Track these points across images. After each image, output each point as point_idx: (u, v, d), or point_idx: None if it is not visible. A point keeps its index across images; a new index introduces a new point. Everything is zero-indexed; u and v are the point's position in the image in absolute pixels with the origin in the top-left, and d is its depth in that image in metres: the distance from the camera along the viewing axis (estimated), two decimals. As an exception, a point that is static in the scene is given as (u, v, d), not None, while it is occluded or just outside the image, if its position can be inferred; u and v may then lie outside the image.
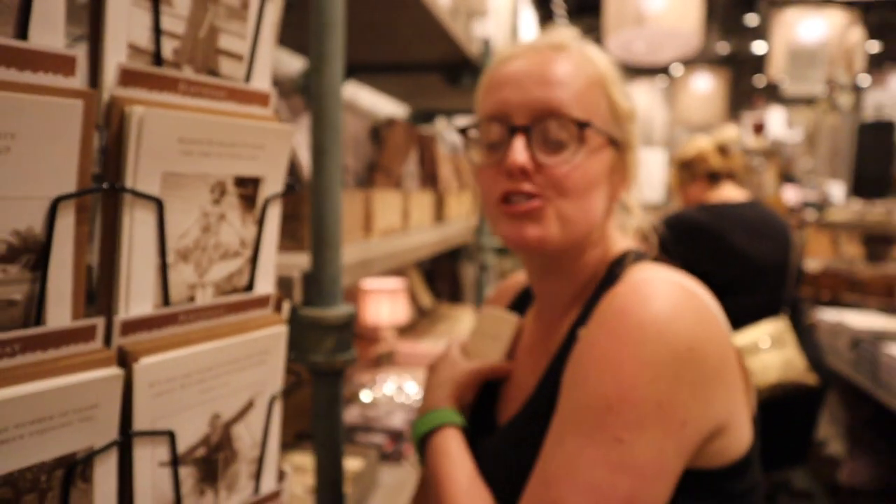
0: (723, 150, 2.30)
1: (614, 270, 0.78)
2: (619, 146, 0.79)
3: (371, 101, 2.86)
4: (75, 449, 0.47)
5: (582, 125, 0.73)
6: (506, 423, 0.84)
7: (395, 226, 1.65)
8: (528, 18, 9.36)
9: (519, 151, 0.73)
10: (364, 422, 1.65)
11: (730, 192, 2.29)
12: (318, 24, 0.90)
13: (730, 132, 2.35)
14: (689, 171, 2.35)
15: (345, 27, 0.93)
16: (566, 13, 11.07)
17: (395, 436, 1.59)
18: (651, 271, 0.73)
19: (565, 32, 0.81)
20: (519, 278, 1.06)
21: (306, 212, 1.05)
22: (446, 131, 3.84)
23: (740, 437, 0.70)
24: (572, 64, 0.76)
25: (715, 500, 0.69)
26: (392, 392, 1.95)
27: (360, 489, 1.30)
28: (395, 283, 2.45)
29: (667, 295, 0.67)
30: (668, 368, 0.63)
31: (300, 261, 0.96)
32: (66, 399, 0.45)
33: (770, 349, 2.11)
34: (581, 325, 0.73)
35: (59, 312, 0.46)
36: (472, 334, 1.00)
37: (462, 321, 2.85)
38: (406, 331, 2.59)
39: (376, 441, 1.56)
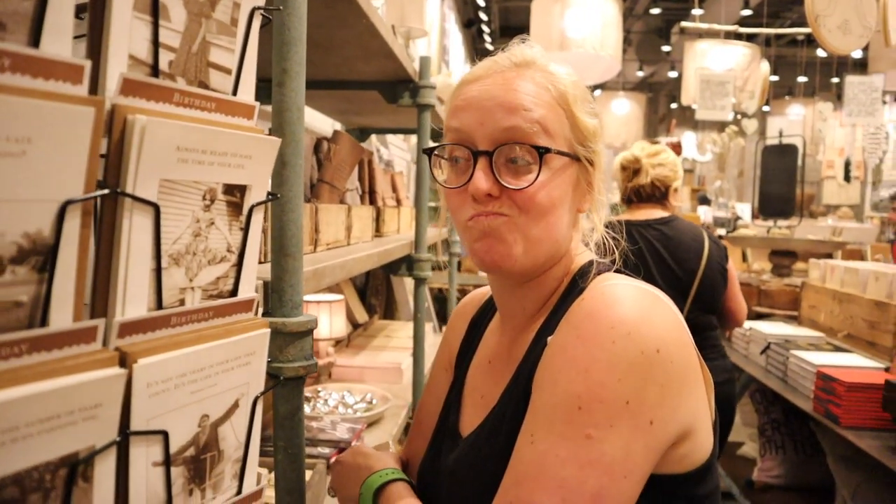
0: (625, 167, 2.36)
1: (578, 281, 0.79)
2: (582, 163, 0.80)
3: (306, 118, 2.86)
4: (78, 448, 0.47)
5: (541, 150, 0.75)
6: (470, 434, 0.84)
7: (339, 239, 1.68)
8: (456, 39, 9.53)
9: (482, 179, 0.74)
10: (309, 434, 1.65)
11: (635, 211, 2.36)
12: (281, 41, 0.92)
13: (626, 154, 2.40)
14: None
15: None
16: (491, 35, 11.38)
17: (342, 447, 1.60)
18: (616, 279, 0.75)
19: (531, 49, 0.81)
20: (479, 293, 1.07)
21: (267, 223, 1.06)
22: (381, 148, 3.88)
23: (703, 443, 0.72)
24: (535, 85, 0.77)
25: None
26: (335, 404, 1.95)
27: (309, 500, 1.31)
28: (333, 297, 2.45)
29: (634, 299, 0.69)
30: (636, 368, 0.65)
31: (261, 271, 0.97)
32: (72, 398, 0.46)
33: None
34: (548, 334, 0.75)
35: (62, 314, 0.47)
36: None
37: (396, 335, 2.87)
38: (342, 345, 2.59)
39: (323, 452, 1.56)
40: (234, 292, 0.64)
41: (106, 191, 0.49)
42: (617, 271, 0.80)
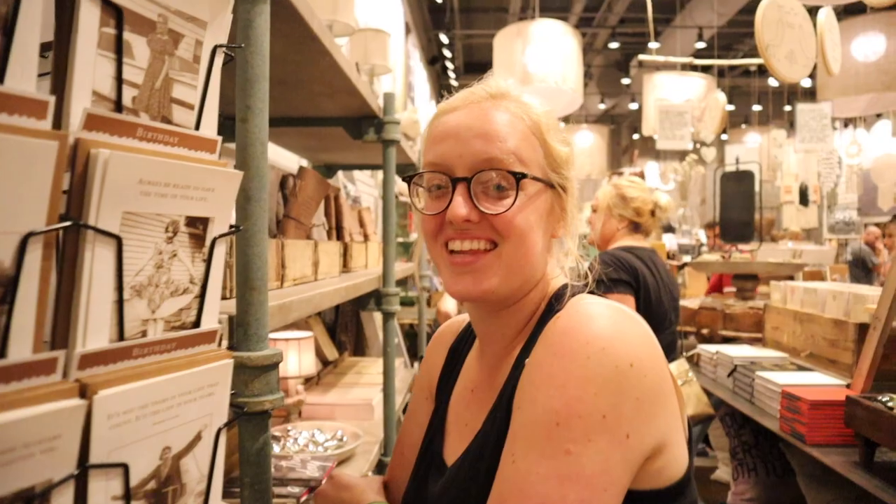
0: (654, 212, 2.58)
1: (554, 304, 0.82)
2: (555, 189, 0.83)
3: (272, 154, 2.87)
4: (35, 482, 0.47)
5: (518, 175, 0.77)
6: (456, 461, 0.85)
7: (306, 275, 1.68)
8: (421, 76, 9.70)
9: (461, 205, 0.77)
10: (278, 473, 1.62)
11: (639, 240, 2.57)
12: (244, 78, 0.94)
13: (665, 199, 2.64)
14: (622, 208, 2.55)
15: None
16: (455, 72, 11.60)
17: (312, 486, 1.58)
18: (590, 299, 0.77)
19: (504, 81, 0.85)
20: (457, 320, 1.08)
21: (232, 258, 1.07)
22: (348, 184, 3.91)
23: (678, 457, 0.73)
24: (509, 114, 0.80)
25: None
26: (304, 442, 1.92)
27: (281, 538, 1.28)
28: (302, 334, 2.43)
29: (607, 316, 0.71)
30: (611, 383, 0.66)
31: (226, 306, 0.97)
32: (31, 430, 0.46)
33: (683, 385, 2.37)
34: (526, 357, 0.76)
35: (22, 346, 0.47)
36: None
37: (367, 372, 2.85)
38: (311, 383, 2.56)
39: (293, 492, 1.54)
40: (196, 324, 0.64)
41: (68, 223, 0.50)
42: (591, 293, 0.83)
